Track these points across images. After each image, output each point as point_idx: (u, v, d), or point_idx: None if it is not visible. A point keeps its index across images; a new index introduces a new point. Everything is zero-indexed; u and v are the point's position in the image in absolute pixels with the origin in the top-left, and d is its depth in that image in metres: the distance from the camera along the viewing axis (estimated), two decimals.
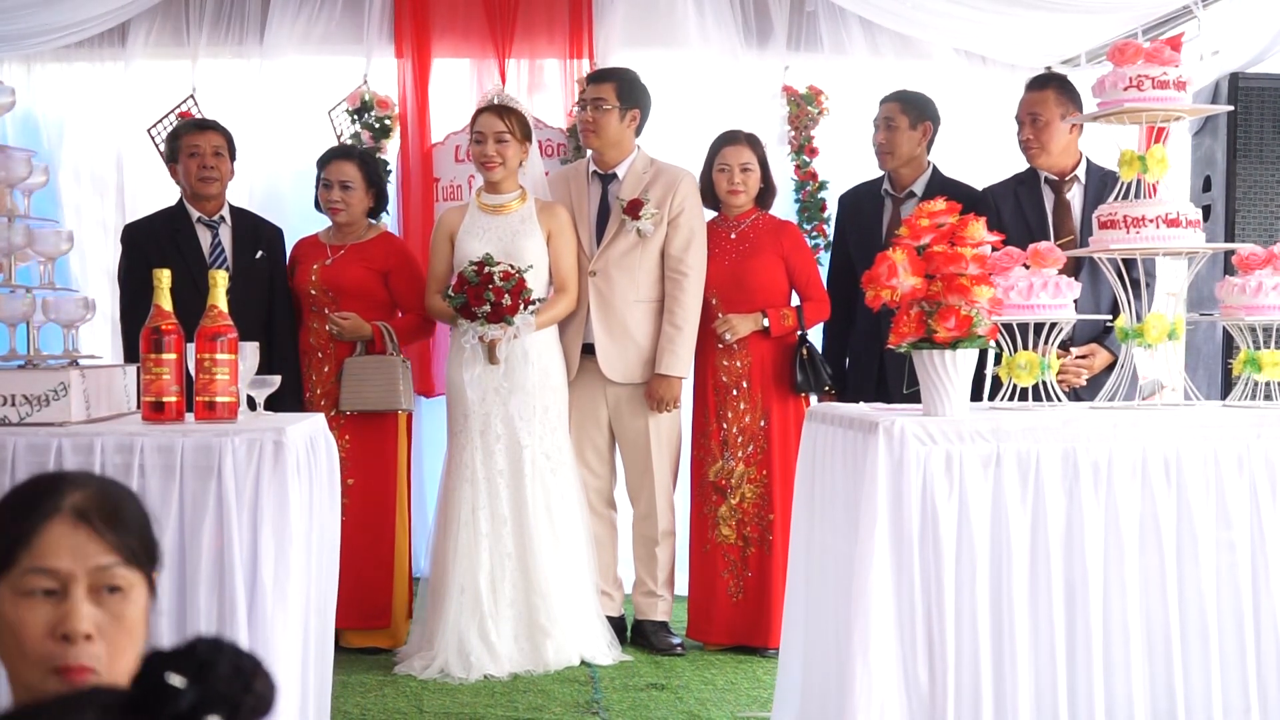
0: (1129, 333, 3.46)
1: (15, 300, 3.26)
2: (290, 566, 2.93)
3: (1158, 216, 3.37)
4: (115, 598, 1.52)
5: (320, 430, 3.41)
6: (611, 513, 5.09)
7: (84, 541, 1.52)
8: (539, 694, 4.35)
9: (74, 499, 1.54)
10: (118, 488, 1.60)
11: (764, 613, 4.86)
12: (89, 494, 1.55)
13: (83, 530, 1.52)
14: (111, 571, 1.52)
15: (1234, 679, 3.07)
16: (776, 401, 4.92)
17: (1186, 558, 3.07)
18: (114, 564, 1.52)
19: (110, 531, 1.53)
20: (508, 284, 4.59)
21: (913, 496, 2.95)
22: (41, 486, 1.56)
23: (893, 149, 4.92)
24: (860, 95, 5.80)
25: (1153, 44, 3.44)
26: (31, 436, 2.98)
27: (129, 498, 1.59)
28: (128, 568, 1.53)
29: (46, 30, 5.52)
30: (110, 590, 1.52)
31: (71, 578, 1.51)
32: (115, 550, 1.53)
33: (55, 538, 1.52)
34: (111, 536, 1.53)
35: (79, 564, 1.51)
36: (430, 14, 5.85)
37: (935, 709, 2.94)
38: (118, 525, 1.54)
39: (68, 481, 1.56)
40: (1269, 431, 3.12)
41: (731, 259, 4.95)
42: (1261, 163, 5.03)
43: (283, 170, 5.78)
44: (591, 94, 4.98)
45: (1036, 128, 4.56)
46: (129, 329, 4.73)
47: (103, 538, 1.52)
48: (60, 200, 5.75)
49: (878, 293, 3.08)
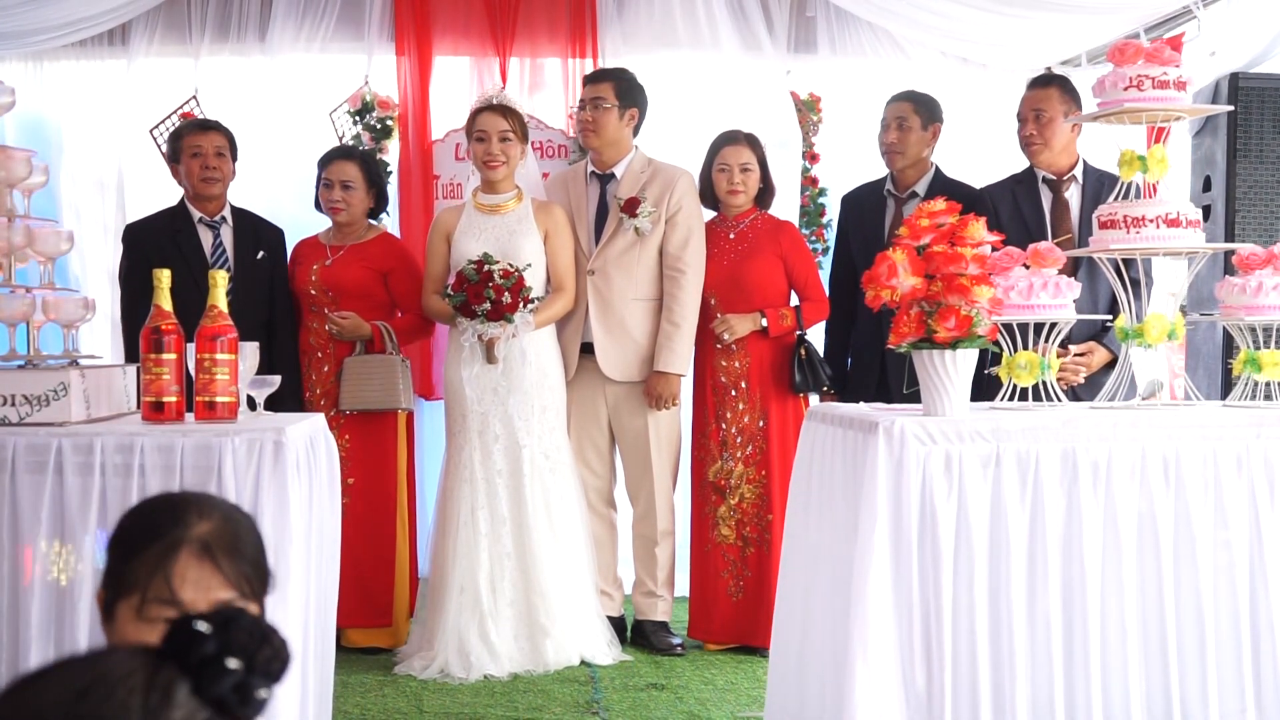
0: (1129, 333, 3.46)
1: (15, 300, 3.26)
2: (290, 566, 2.92)
3: (1158, 216, 3.37)
4: None
5: (320, 430, 3.41)
6: (611, 512, 5.10)
7: (208, 575, 1.56)
8: (539, 694, 4.35)
9: (201, 529, 1.58)
10: (238, 515, 1.63)
11: (764, 613, 4.85)
12: (214, 524, 1.59)
13: (207, 563, 1.56)
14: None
15: (1231, 679, 3.07)
16: (775, 401, 4.92)
17: (1185, 558, 3.07)
18: (233, 598, 1.56)
19: (230, 564, 1.57)
20: (507, 282, 4.59)
21: (912, 496, 2.95)
22: (170, 511, 1.59)
23: (904, 149, 4.92)
24: (861, 98, 5.80)
25: (1153, 44, 3.44)
26: (31, 436, 2.98)
27: (248, 527, 1.63)
28: (245, 601, 1.57)
29: (47, 29, 5.51)
30: None
31: (194, 608, 1.53)
32: (234, 584, 1.57)
33: (182, 569, 1.56)
34: (231, 570, 1.57)
35: (201, 596, 1.55)
36: (431, 12, 5.85)
37: (933, 709, 2.94)
38: (238, 557, 1.58)
39: (194, 509, 1.60)
40: (1268, 431, 3.12)
41: (730, 259, 4.95)
42: (1261, 163, 5.03)
43: (285, 170, 5.78)
44: (590, 93, 4.98)
45: (1040, 123, 4.56)
46: (129, 329, 4.73)
47: (223, 572, 1.57)
48: (60, 200, 5.75)
49: (878, 293, 3.08)
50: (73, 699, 1.08)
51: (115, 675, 1.10)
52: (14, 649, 2.94)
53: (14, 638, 2.95)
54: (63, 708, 1.07)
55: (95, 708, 1.07)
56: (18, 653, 2.93)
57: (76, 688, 1.08)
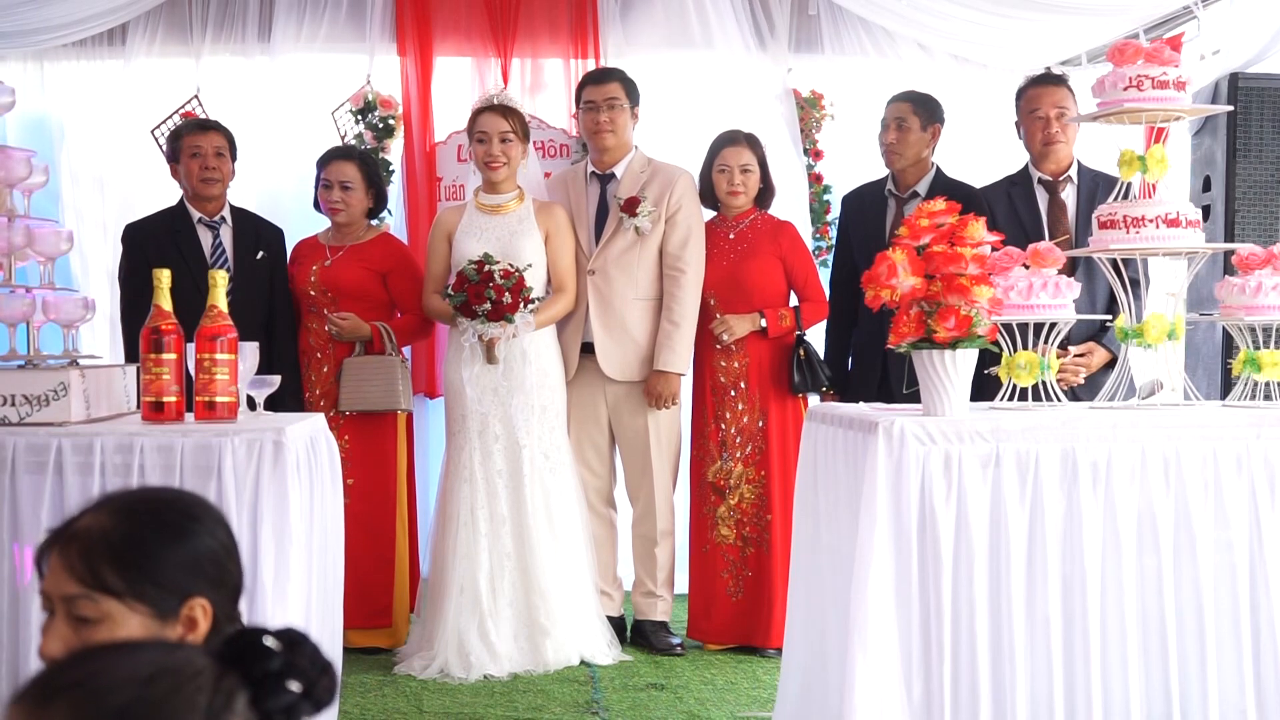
0: (1129, 332, 3.46)
1: (15, 300, 3.27)
2: (290, 566, 2.93)
3: (1158, 216, 3.37)
4: (89, 628, 1.52)
5: (321, 430, 3.41)
6: (611, 512, 5.10)
7: (60, 569, 1.53)
8: (539, 694, 4.35)
9: (83, 522, 1.55)
10: (142, 518, 1.57)
11: (763, 612, 4.86)
12: (96, 518, 1.55)
13: (61, 559, 1.54)
14: (77, 603, 1.53)
15: (1231, 679, 3.06)
16: (774, 402, 4.92)
17: (1184, 558, 3.06)
18: (80, 595, 1.52)
19: (85, 562, 1.53)
20: (508, 282, 4.59)
21: (912, 496, 2.95)
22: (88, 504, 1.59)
23: (903, 149, 4.92)
24: (862, 98, 5.80)
25: (1153, 44, 3.44)
26: (31, 436, 2.98)
27: (154, 529, 1.57)
28: (106, 600, 1.53)
29: (47, 29, 5.51)
30: (82, 620, 1.52)
31: (54, 601, 1.54)
32: (81, 580, 1.52)
33: (54, 558, 1.55)
34: (82, 567, 1.53)
35: (53, 585, 1.54)
36: (431, 12, 5.84)
37: (933, 708, 2.94)
38: (105, 557, 1.53)
39: (101, 502, 1.58)
40: (1268, 431, 3.12)
41: (730, 259, 4.95)
42: (1261, 163, 5.02)
43: (288, 170, 5.77)
44: (602, 94, 4.98)
45: (1062, 122, 4.56)
46: (129, 329, 4.72)
47: (73, 568, 1.53)
48: (60, 200, 5.74)
49: (878, 292, 3.08)
50: (142, 681, 1.11)
51: (186, 670, 1.14)
52: (14, 649, 2.95)
53: (14, 638, 2.95)
54: (132, 687, 1.10)
55: (163, 695, 1.11)
56: (18, 653, 2.93)
57: (147, 673, 1.12)
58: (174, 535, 1.57)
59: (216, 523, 1.63)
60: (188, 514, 1.60)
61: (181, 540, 1.57)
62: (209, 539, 1.59)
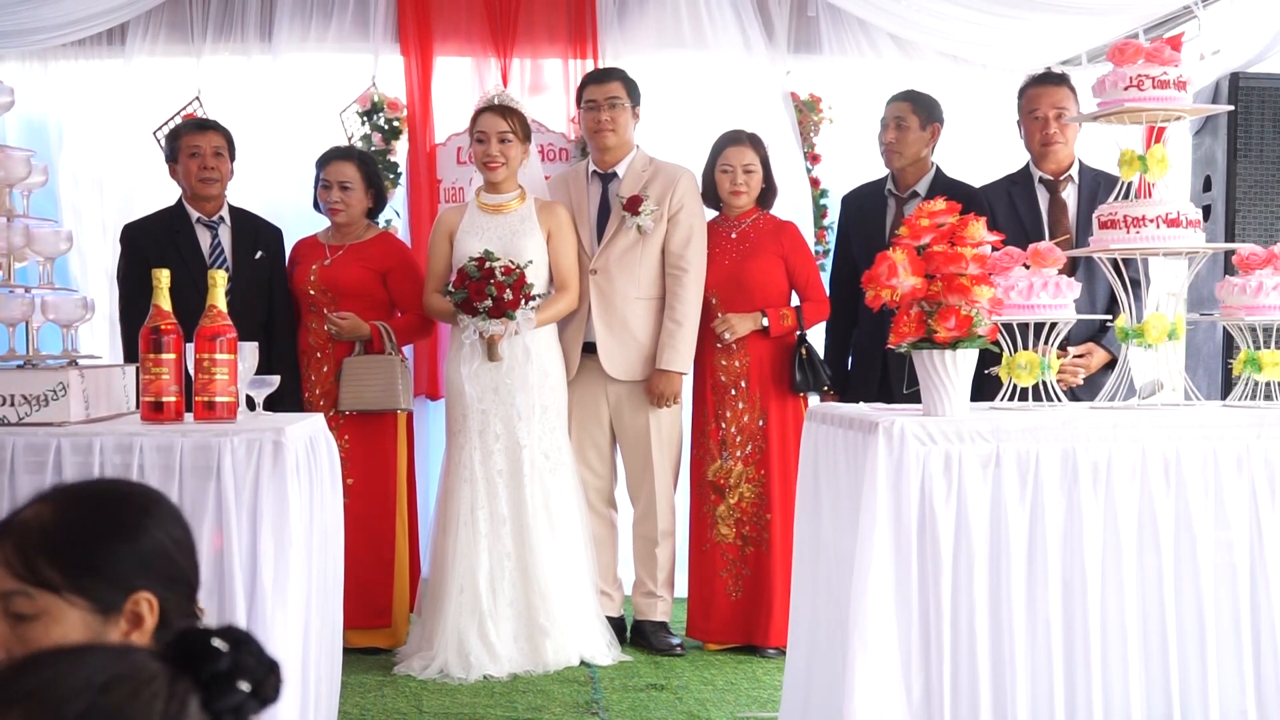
0: (1129, 332, 3.46)
1: (15, 300, 3.26)
2: (290, 567, 2.92)
3: (1158, 216, 3.37)
4: (25, 625, 1.50)
5: (320, 430, 3.41)
6: (611, 512, 5.09)
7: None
8: (539, 694, 4.35)
9: (21, 516, 1.51)
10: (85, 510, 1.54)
11: (763, 612, 4.86)
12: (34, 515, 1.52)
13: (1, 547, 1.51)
14: (13, 599, 1.50)
15: (1232, 680, 3.06)
16: (775, 401, 4.92)
17: (1185, 558, 3.06)
18: (15, 591, 1.50)
19: (20, 555, 1.50)
20: (509, 279, 4.59)
21: (912, 496, 2.95)
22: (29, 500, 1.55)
23: (902, 149, 4.92)
24: (861, 98, 5.80)
25: (1153, 44, 3.43)
26: (30, 436, 2.98)
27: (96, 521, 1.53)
28: (43, 595, 1.49)
29: (47, 28, 5.51)
30: (18, 617, 1.50)
31: None
32: (20, 577, 1.49)
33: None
34: (18, 561, 1.50)
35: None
36: (432, 12, 5.84)
37: (933, 708, 2.94)
38: (41, 550, 1.50)
39: (39, 497, 1.54)
40: (1269, 432, 3.12)
41: (732, 259, 4.95)
42: (1261, 163, 5.02)
43: (289, 170, 5.76)
44: (604, 93, 4.98)
45: (1061, 123, 4.56)
46: (128, 329, 4.72)
47: (8, 563, 1.50)
48: (60, 200, 5.74)
49: (878, 292, 3.08)
50: (96, 690, 1.09)
51: (140, 675, 1.13)
52: None
53: None
54: (88, 694, 1.09)
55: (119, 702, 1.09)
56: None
57: (101, 680, 1.10)
58: (116, 528, 1.53)
59: (168, 517, 1.58)
60: (135, 507, 1.56)
61: (125, 534, 1.53)
62: (158, 533, 1.55)
